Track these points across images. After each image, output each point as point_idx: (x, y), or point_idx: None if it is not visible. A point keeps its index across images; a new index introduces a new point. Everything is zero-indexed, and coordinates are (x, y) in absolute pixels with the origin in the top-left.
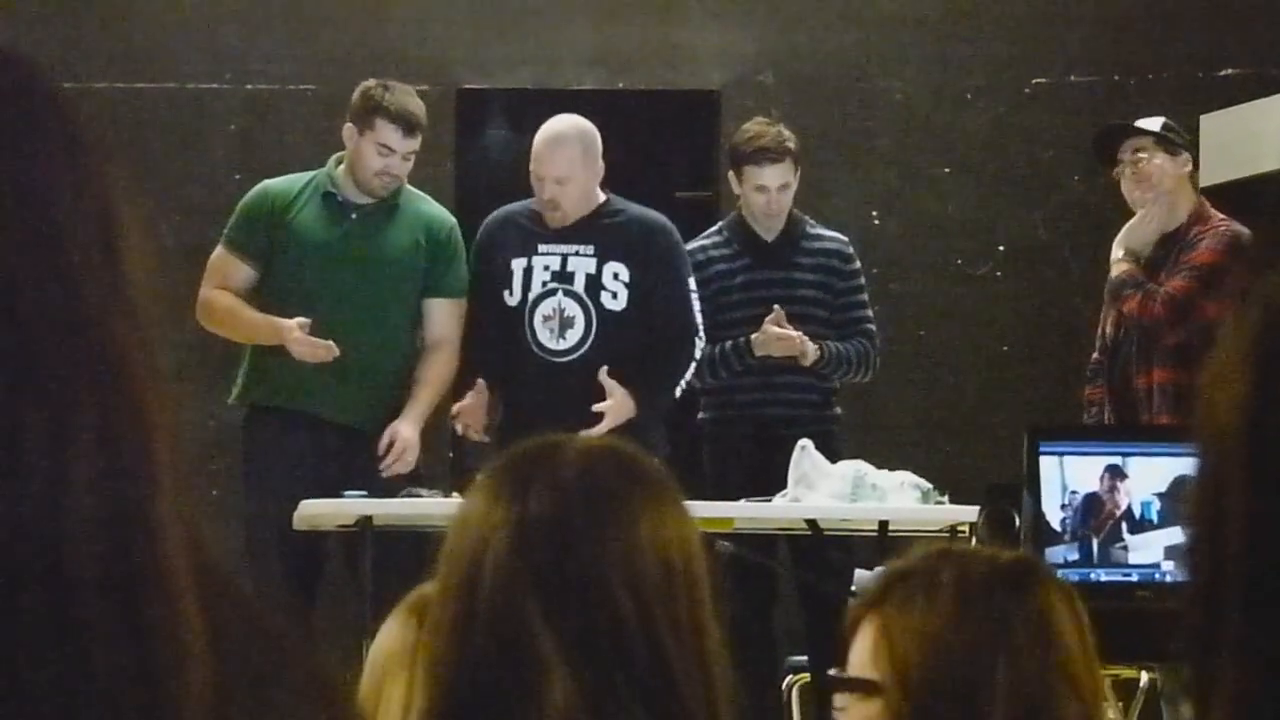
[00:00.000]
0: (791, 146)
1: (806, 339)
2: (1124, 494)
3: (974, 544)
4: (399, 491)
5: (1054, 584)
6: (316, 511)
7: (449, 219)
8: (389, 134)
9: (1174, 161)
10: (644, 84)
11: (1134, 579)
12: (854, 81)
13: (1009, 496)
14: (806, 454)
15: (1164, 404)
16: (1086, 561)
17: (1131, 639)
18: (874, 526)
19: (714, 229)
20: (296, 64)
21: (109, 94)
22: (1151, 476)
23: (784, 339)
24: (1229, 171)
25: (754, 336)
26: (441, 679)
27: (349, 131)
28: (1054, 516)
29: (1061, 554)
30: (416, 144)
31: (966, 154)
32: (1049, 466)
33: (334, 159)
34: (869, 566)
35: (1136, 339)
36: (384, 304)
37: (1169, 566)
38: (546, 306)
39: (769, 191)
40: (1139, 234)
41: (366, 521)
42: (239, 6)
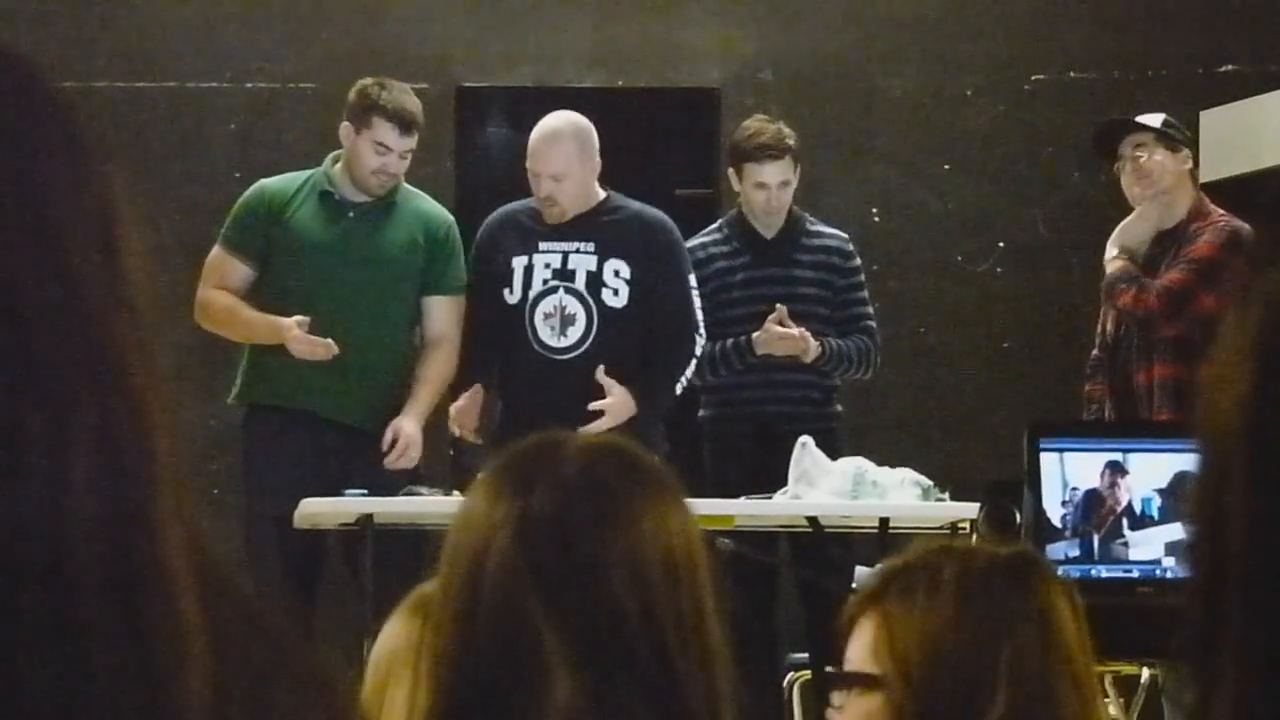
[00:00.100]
0: (791, 144)
1: (808, 336)
2: (1124, 490)
3: (974, 541)
4: (399, 490)
5: (1053, 579)
6: (317, 510)
7: (446, 216)
8: (386, 132)
9: (1174, 158)
10: (644, 82)
11: (1135, 575)
12: (854, 79)
13: (1009, 493)
14: (807, 451)
15: (1164, 400)
16: (1087, 558)
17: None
18: (875, 524)
19: (714, 226)
20: (297, 63)
21: (109, 93)
22: (1152, 472)
23: (786, 338)
24: (1229, 167)
25: (756, 335)
26: (444, 678)
27: (346, 130)
28: (1055, 513)
29: (1062, 550)
30: (413, 142)
31: (966, 151)
32: (1049, 463)
33: (330, 157)
34: (869, 564)
35: (1136, 335)
36: (383, 302)
37: (1170, 563)
38: (547, 304)
39: (769, 189)
40: (1133, 232)
41: (367, 520)
42: (239, 6)
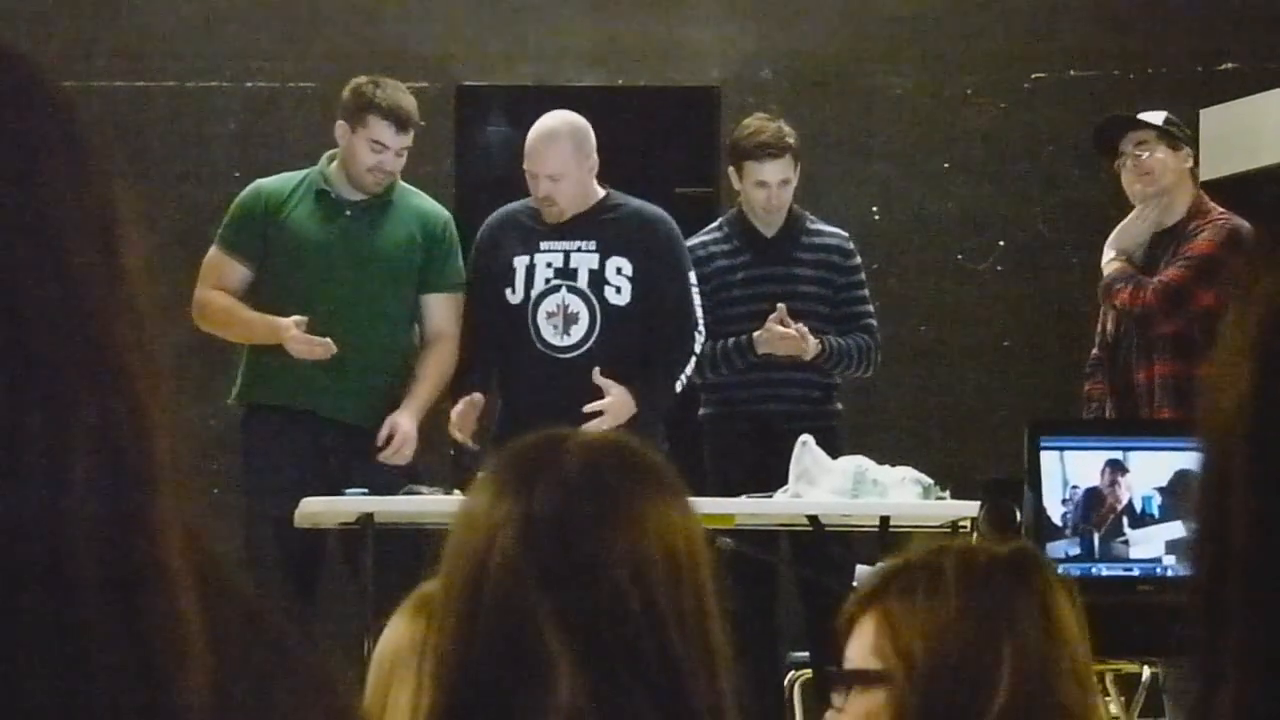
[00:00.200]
0: (791, 142)
1: (808, 333)
2: (1125, 489)
3: (974, 539)
4: (399, 489)
5: (1054, 575)
6: (317, 509)
7: (443, 213)
8: (382, 130)
9: (1175, 156)
10: (644, 81)
11: (1135, 573)
12: (854, 78)
13: (1010, 492)
14: (808, 449)
15: (1165, 398)
16: (1088, 556)
17: (1133, 633)
18: (875, 522)
19: (714, 225)
20: (296, 62)
21: (109, 92)
22: (1152, 471)
23: (787, 337)
24: (1228, 165)
25: (757, 335)
26: (447, 676)
27: (341, 129)
28: (1055, 511)
29: (1063, 549)
30: (409, 139)
31: (966, 150)
32: (1050, 461)
33: (326, 156)
34: (870, 562)
35: (1136, 334)
36: (381, 300)
37: (1170, 561)
38: (550, 303)
39: (769, 187)
40: (1130, 234)
41: (367, 519)
42: (239, 5)
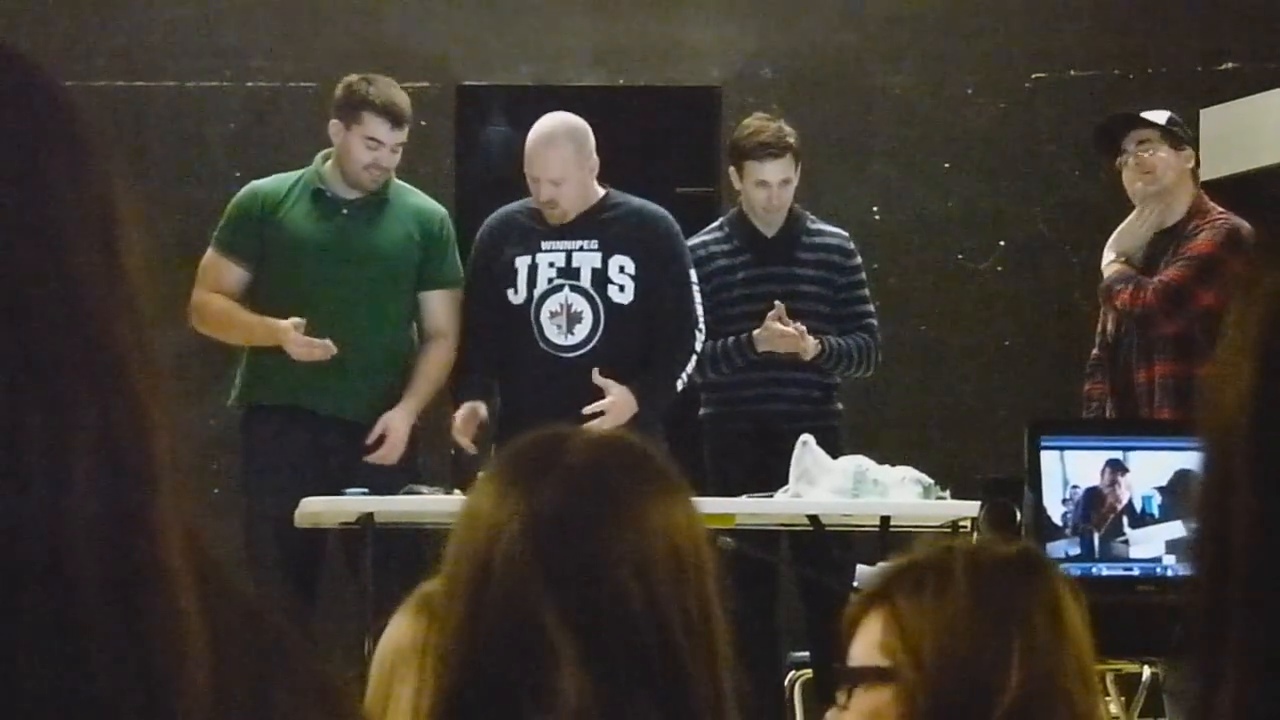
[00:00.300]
0: (792, 142)
1: (807, 333)
2: (1125, 488)
3: (975, 539)
4: (400, 489)
5: (1060, 573)
6: (317, 509)
7: (440, 210)
8: (376, 126)
9: (1177, 156)
10: (644, 80)
11: (1135, 573)
12: (854, 77)
13: (1010, 491)
14: (808, 449)
15: (1165, 398)
16: (1088, 556)
17: (1133, 633)
18: (875, 522)
19: (715, 225)
20: (297, 62)
21: (109, 92)
22: (1152, 470)
23: (786, 335)
24: (1228, 165)
25: (756, 333)
26: (450, 674)
27: (335, 127)
28: (1055, 511)
29: (1063, 548)
30: (404, 136)
31: (966, 149)
32: (1050, 461)
33: (320, 156)
34: (870, 562)
35: (1136, 334)
36: (380, 297)
37: (1170, 561)
38: (553, 303)
39: (770, 187)
40: (1130, 236)
41: (368, 519)
42: (239, 5)
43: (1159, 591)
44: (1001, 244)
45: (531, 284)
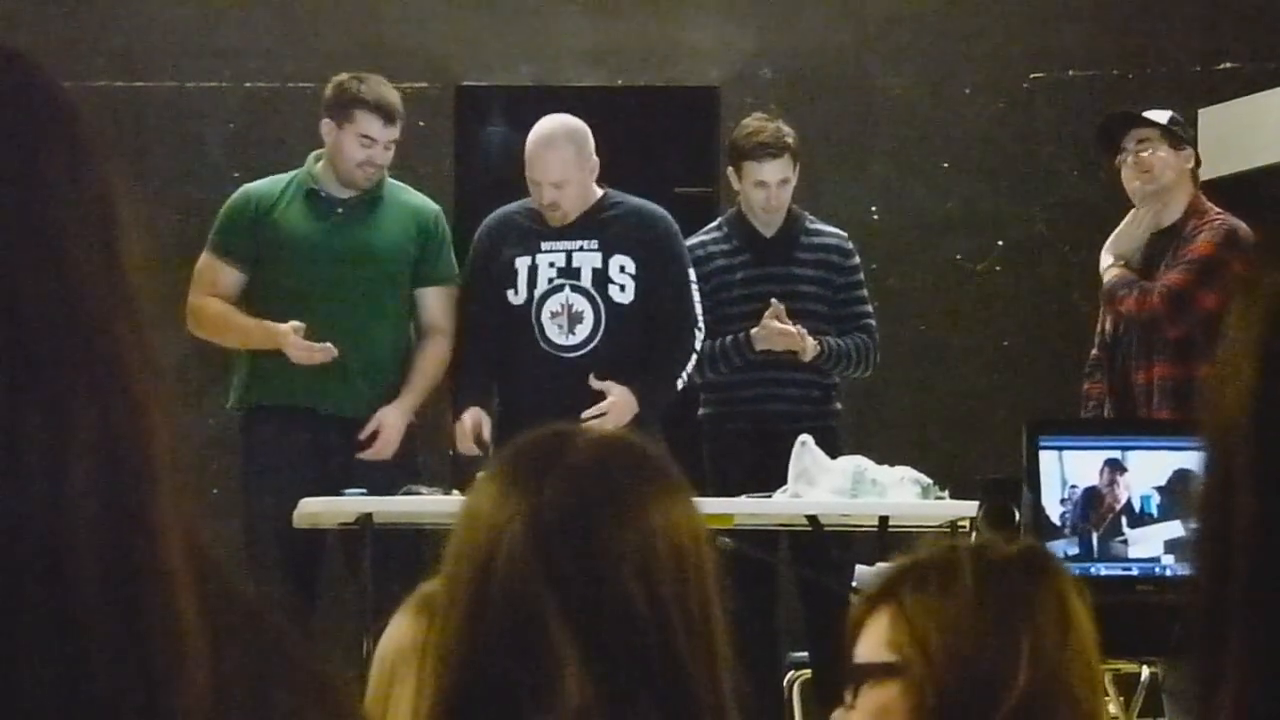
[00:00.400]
0: (791, 142)
1: (806, 334)
2: (1123, 488)
3: (974, 539)
4: (399, 487)
5: (1065, 571)
6: (316, 509)
7: (434, 206)
8: (369, 124)
9: (1177, 156)
10: (643, 81)
11: (1134, 573)
12: (853, 77)
13: (1008, 491)
14: (807, 449)
15: (1164, 399)
16: (1086, 556)
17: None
18: (874, 522)
19: (713, 225)
20: (295, 62)
21: (107, 93)
22: (1151, 470)
23: (784, 333)
24: (1227, 165)
25: (754, 331)
26: (452, 673)
27: (327, 126)
28: (1054, 511)
29: (1061, 548)
30: (397, 133)
31: (965, 149)
32: (1048, 461)
33: (313, 156)
34: (869, 562)
35: (1136, 335)
36: (378, 296)
37: (1169, 560)
38: (554, 303)
39: (768, 187)
40: (1128, 238)
41: (366, 519)
42: (238, 5)
43: (1158, 591)
44: (1000, 244)
45: (532, 284)
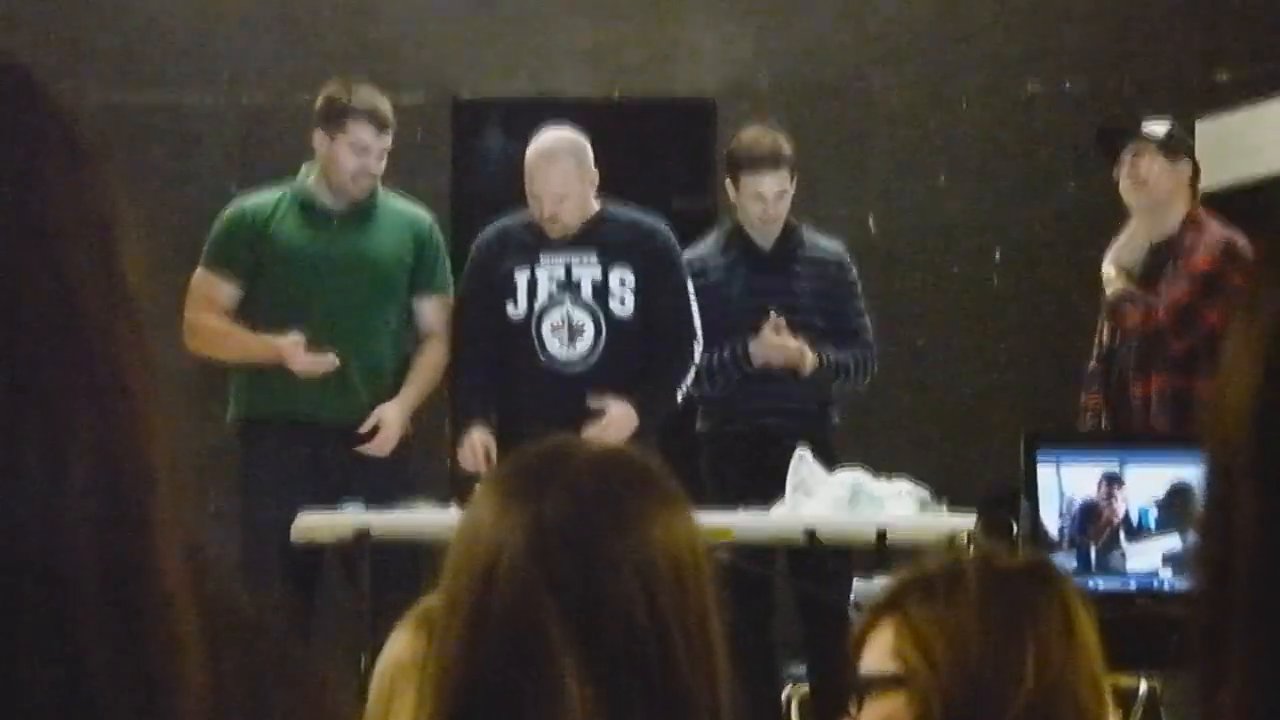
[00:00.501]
0: (788, 154)
1: (806, 347)
2: (1121, 501)
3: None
4: (397, 497)
5: (1070, 582)
6: (314, 524)
7: (427, 215)
8: (362, 132)
9: (1173, 167)
10: (639, 92)
11: (1132, 587)
12: (850, 86)
13: (1007, 503)
14: (804, 462)
15: (1162, 410)
16: (1084, 569)
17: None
18: (871, 536)
19: (710, 237)
20: (292, 75)
21: (104, 106)
22: (1149, 484)
23: (783, 347)
24: (1225, 176)
25: (752, 346)
26: (453, 685)
27: (319, 138)
28: (1051, 524)
29: (1059, 562)
30: (389, 141)
31: (963, 158)
32: (1046, 474)
33: (304, 169)
34: (867, 575)
35: (1135, 347)
36: (377, 305)
37: (1167, 574)
38: (554, 316)
39: (766, 200)
40: (1128, 249)
41: (364, 534)
42: (234, 18)
43: (1156, 605)
44: (998, 252)
45: (531, 297)
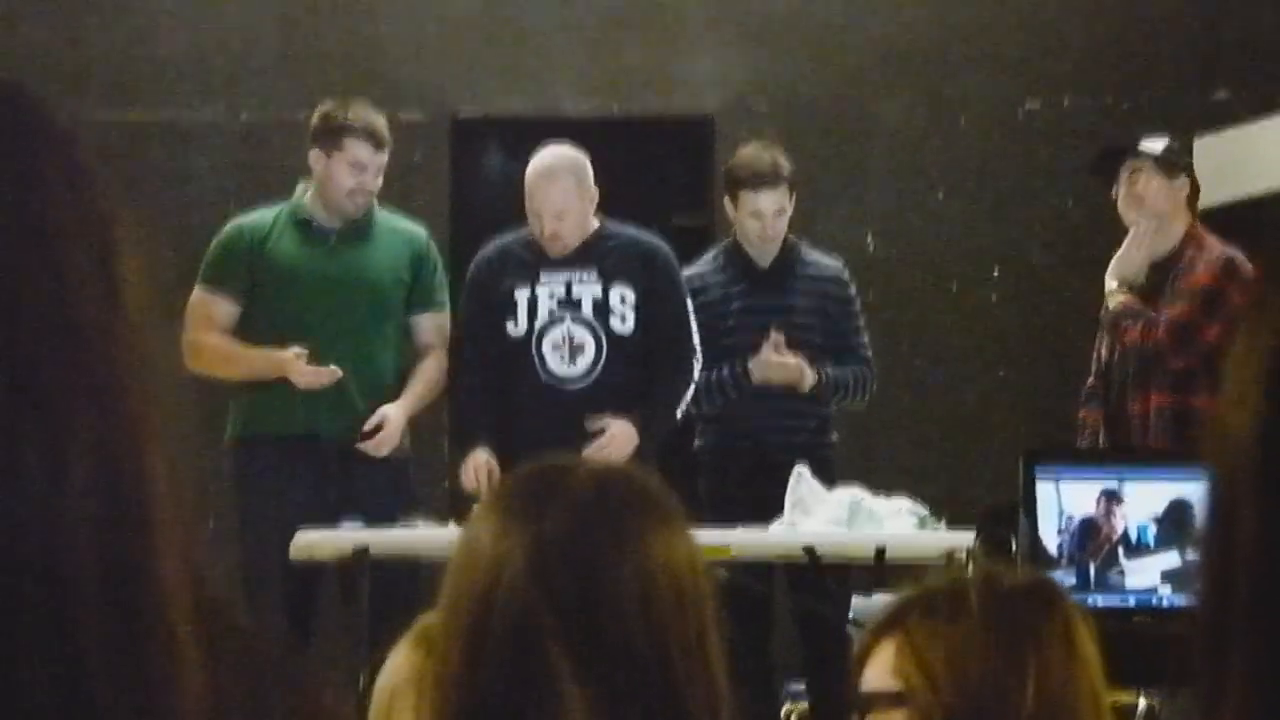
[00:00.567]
0: (787, 171)
1: (805, 365)
2: (1120, 518)
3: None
4: (397, 512)
5: (1072, 600)
6: (312, 542)
7: (423, 232)
8: (359, 150)
9: (1170, 185)
10: (638, 110)
11: (1131, 604)
12: (848, 106)
13: (1005, 520)
14: (803, 480)
15: (1160, 426)
16: (1083, 586)
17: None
18: (870, 553)
19: (709, 255)
20: (291, 94)
21: (102, 127)
22: (1147, 500)
23: (782, 365)
24: (1223, 194)
25: (752, 364)
26: (453, 703)
27: (315, 156)
28: (1050, 541)
29: (1058, 579)
30: (385, 158)
31: (961, 178)
32: (1045, 491)
33: (300, 187)
34: (866, 592)
35: (1134, 364)
36: (376, 321)
37: (1166, 591)
38: (555, 334)
39: (764, 217)
40: (1129, 262)
41: (363, 553)
42: (233, 37)
43: (1155, 622)
44: (997, 271)
45: (532, 315)
